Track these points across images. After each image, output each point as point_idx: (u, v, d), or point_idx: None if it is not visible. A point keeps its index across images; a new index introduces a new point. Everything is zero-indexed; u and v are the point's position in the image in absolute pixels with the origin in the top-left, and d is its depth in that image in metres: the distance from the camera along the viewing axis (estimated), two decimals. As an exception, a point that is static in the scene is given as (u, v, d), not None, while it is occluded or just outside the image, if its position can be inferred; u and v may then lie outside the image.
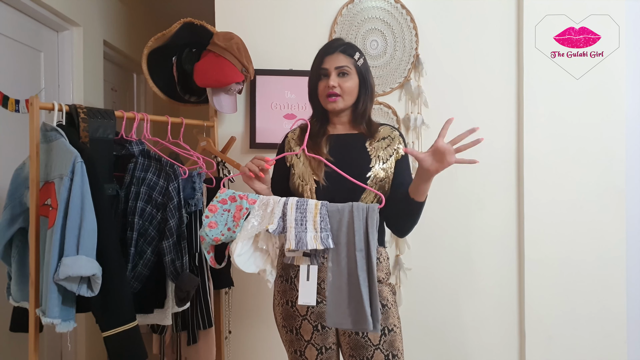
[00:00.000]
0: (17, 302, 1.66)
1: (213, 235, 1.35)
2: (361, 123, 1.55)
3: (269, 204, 1.36)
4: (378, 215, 1.31)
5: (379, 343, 1.44)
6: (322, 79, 1.51)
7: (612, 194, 2.24)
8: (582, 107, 2.25)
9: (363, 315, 1.26)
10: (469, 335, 2.32)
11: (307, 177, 1.49)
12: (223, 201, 1.38)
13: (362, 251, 1.29)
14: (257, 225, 1.33)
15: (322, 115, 1.57)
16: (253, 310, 2.31)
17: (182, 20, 2.09)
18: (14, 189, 1.65)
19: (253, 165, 1.42)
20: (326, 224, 1.32)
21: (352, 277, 1.29)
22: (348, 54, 1.51)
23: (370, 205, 1.33)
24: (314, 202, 1.34)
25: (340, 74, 1.49)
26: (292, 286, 1.50)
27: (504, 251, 2.31)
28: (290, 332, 1.51)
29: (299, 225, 1.31)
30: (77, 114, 1.59)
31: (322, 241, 1.30)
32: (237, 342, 2.29)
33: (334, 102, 1.49)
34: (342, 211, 1.33)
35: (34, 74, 2.35)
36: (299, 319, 1.49)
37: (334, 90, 1.48)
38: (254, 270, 1.36)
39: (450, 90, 2.29)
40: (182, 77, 2.13)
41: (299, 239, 1.29)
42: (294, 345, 1.51)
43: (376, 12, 2.28)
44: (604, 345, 2.24)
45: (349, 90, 1.50)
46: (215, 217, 1.36)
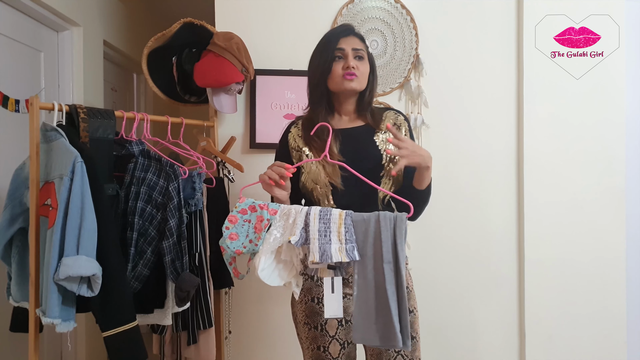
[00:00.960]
0: (17, 302, 1.66)
1: (235, 248, 1.29)
2: (366, 112, 1.52)
3: (291, 214, 1.30)
4: (406, 224, 1.25)
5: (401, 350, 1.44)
6: (338, 60, 1.46)
7: (612, 194, 2.24)
8: (582, 107, 2.25)
9: (392, 332, 1.20)
10: (469, 335, 2.32)
11: (322, 180, 1.44)
12: (243, 211, 1.32)
13: (390, 263, 1.23)
14: (280, 237, 1.28)
15: (326, 104, 1.51)
16: (253, 310, 2.31)
17: (182, 20, 2.09)
18: (14, 189, 1.65)
19: (273, 173, 1.35)
20: (351, 234, 1.26)
21: (379, 290, 1.24)
22: (361, 38, 1.50)
23: (397, 214, 1.26)
24: (338, 212, 1.28)
25: (356, 57, 1.46)
26: (318, 283, 1.47)
27: (504, 251, 2.31)
28: (314, 328, 1.48)
29: (323, 236, 1.25)
30: (77, 114, 1.59)
31: (347, 253, 1.24)
32: (237, 342, 2.29)
33: (350, 80, 1.44)
34: (368, 221, 1.26)
35: (34, 74, 2.35)
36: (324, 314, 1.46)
37: (353, 70, 1.44)
38: (279, 284, 1.31)
39: (450, 90, 2.29)
40: (182, 77, 2.13)
41: (323, 251, 1.23)
42: (318, 342, 1.48)
43: (376, 12, 2.28)
44: (604, 345, 2.24)
45: (364, 74, 1.47)
46: (235, 228, 1.31)
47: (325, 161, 1.44)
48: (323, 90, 1.49)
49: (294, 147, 1.52)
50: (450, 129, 2.29)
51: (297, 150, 1.51)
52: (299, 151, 1.50)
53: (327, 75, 1.47)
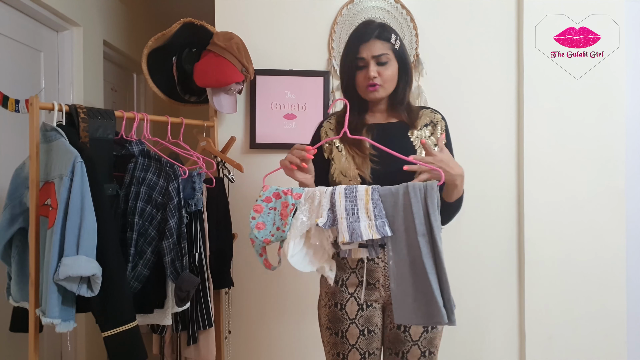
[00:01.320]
0: (17, 302, 1.66)
1: (262, 237, 1.27)
2: (401, 110, 1.48)
3: (316, 196, 1.26)
4: (438, 193, 1.18)
5: (419, 339, 1.41)
6: (361, 69, 1.43)
7: (612, 193, 2.24)
8: (582, 107, 2.25)
9: (435, 307, 1.14)
10: (469, 335, 2.31)
11: (351, 173, 1.42)
12: (267, 199, 1.30)
13: (425, 235, 1.16)
14: (307, 221, 1.24)
15: (360, 105, 1.49)
16: (253, 310, 2.31)
17: (182, 20, 2.09)
18: (14, 189, 1.65)
19: (293, 157, 1.32)
20: (380, 210, 1.20)
21: (416, 265, 1.17)
22: (384, 38, 1.43)
23: (428, 183, 1.19)
24: (363, 188, 1.23)
25: (379, 63, 1.42)
26: (342, 289, 1.44)
27: (504, 251, 2.31)
28: (335, 334, 1.45)
29: (351, 215, 1.20)
30: (77, 114, 1.58)
31: (378, 229, 1.18)
32: (237, 342, 2.29)
33: (374, 92, 1.42)
34: (396, 194, 1.21)
35: (34, 74, 2.35)
36: (346, 322, 1.43)
37: (374, 80, 1.41)
38: (312, 269, 1.28)
39: (451, 90, 2.29)
40: (182, 77, 2.13)
41: (353, 230, 1.18)
42: (337, 348, 1.45)
43: (376, 12, 2.28)
44: (604, 345, 2.24)
45: (389, 78, 1.43)
46: (262, 217, 1.28)
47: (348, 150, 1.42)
48: (353, 96, 1.47)
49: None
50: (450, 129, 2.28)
51: (330, 143, 1.50)
52: (330, 144, 1.50)
53: (353, 84, 1.46)
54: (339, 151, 1.48)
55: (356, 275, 1.44)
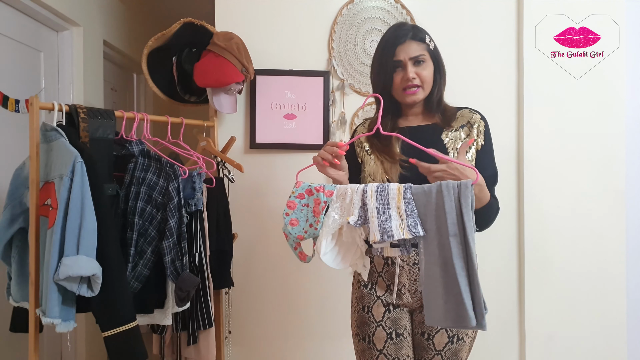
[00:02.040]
0: (17, 302, 1.66)
1: (296, 234, 1.27)
2: (436, 111, 1.46)
3: (347, 194, 1.24)
4: (473, 193, 1.15)
5: (442, 349, 1.38)
6: (397, 71, 1.41)
7: (612, 193, 2.24)
8: (582, 107, 2.25)
9: (464, 310, 1.11)
10: (469, 335, 2.31)
11: (380, 177, 1.41)
12: (300, 196, 1.29)
13: (456, 236, 1.13)
14: (339, 219, 1.23)
15: (395, 109, 1.47)
16: (253, 310, 2.31)
17: (182, 20, 2.09)
18: (14, 189, 1.65)
19: (326, 153, 1.31)
20: (412, 209, 1.18)
21: (447, 267, 1.14)
22: (419, 39, 1.41)
23: (462, 182, 1.16)
24: (395, 186, 1.21)
25: (416, 63, 1.40)
26: (370, 292, 1.43)
27: (504, 251, 2.31)
28: (362, 340, 1.42)
29: (382, 213, 1.18)
30: (77, 114, 1.59)
31: (409, 229, 1.16)
32: (237, 342, 2.29)
33: (414, 95, 1.40)
34: (429, 193, 1.18)
35: (34, 74, 2.35)
36: (373, 325, 1.40)
37: (413, 82, 1.38)
38: (344, 267, 1.27)
39: (450, 90, 2.27)
40: (182, 77, 2.13)
41: (384, 229, 1.16)
42: (365, 356, 1.41)
43: (376, 12, 2.28)
44: (604, 345, 2.24)
45: (427, 79, 1.41)
46: (295, 213, 1.28)
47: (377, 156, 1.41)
48: (388, 99, 1.43)
49: (358, 144, 1.51)
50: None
51: (360, 148, 1.51)
52: (362, 148, 1.50)
53: (389, 87, 1.43)
54: (368, 155, 1.47)
55: (383, 278, 1.42)
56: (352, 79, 2.27)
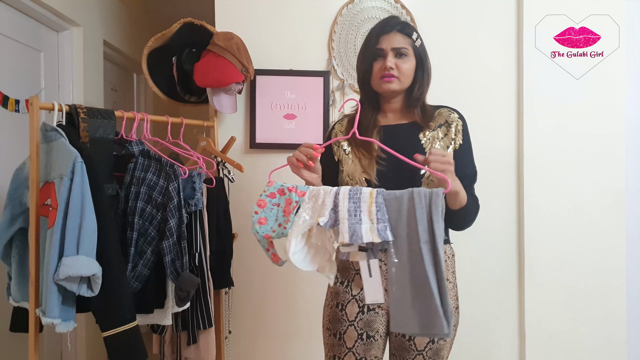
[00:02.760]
0: (17, 302, 1.66)
1: (263, 232, 1.26)
2: (415, 110, 1.44)
3: (320, 195, 1.24)
4: (444, 201, 1.15)
5: (424, 349, 1.38)
6: (378, 59, 1.40)
7: (612, 193, 2.24)
8: (582, 107, 2.25)
9: (434, 317, 1.11)
10: (469, 335, 2.31)
11: (357, 176, 1.40)
12: (272, 195, 1.28)
13: (427, 243, 1.13)
14: (309, 220, 1.22)
15: (373, 103, 1.46)
16: (253, 310, 2.31)
17: (182, 20, 2.09)
18: (14, 189, 1.65)
19: (301, 155, 1.30)
20: (383, 213, 1.18)
21: (416, 273, 1.14)
22: (405, 33, 1.41)
23: (433, 190, 1.16)
24: (368, 190, 1.21)
25: (397, 55, 1.39)
26: (346, 289, 1.43)
27: (504, 251, 2.31)
28: (333, 335, 1.44)
29: (353, 216, 1.18)
30: (77, 114, 1.58)
31: (379, 233, 1.15)
32: (237, 342, 2.29)
33: (388, 82, 1.38)
34: (400, 199, 1.18)
35: (34, 74, 2.35)
36: (345, 323, 1.41)
37: (390, 71, 1.37)
38: (313, 268, 1.26)
39: (450, 90, 2.28)
40: (182, 77, 2.13)
41: (353, 232, 1.16)
42: (334, 350, 1.43)
43: (376, 12, 2.28)
44: (604, 345, 2.24)
45: (406, 72, 1.40)
46: (264, 212, 1.26)
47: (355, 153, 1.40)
48: (367, 89, 1.45)
49: (335, 143, 1.49)
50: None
51: (338, 146, 1.49)
52: (339, 146, 1.48)
53: (368, 76, 1.43)
54: (346, 154, 1.46)
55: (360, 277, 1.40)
56: (352, 79, 2.27)
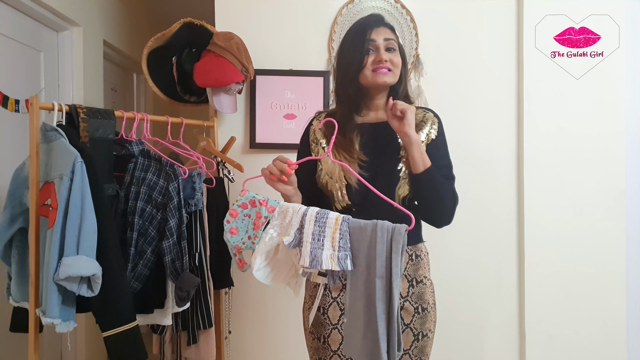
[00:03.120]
0: (17, 302, 1.66)
1: (234, 243, 1.25)
2: None
3: (288, 213, 1.22)
4: (406, 238, 1.14)
5: (410, 348, 1.37)
6: (370, 53, 1.38)
7: (612, 193, 2.24)
8: (582, 107, 2.25)
9: (377, 352, 1.12)
10: (469, 335, 2.32)
11: (337, 175, 1.38)
12: (244, 205, 1.27)
13: (382, 278, 1.14)
14: (276, 237, 1.22)
15: (353, 101, 1.43)
16: (253, 310, 2.31)
17: (182, 20, 2.09)
18: (14, 189, 1.65)
19: (274, 168, 1.29)
20: (345, 242, 1.17)
21: (369, 304, 1.15)
22: (391, 29, 1.42)
23: (397, 226, 1.15)
24: (334, 216, 1.19)
25: (387, 49, 1.38)
26: (326, 292, 1.41)
27: (504, 250, 2.31)
28: (317, 339, 1.43)
29: (316, 240, 1.17)
30: (77, 114, 1.59)
31: (339, 262, 1.15)
32: (237, 342, 2.29)
33: (384, 75, 1.36)
34: (364, 229, 1.17)
35: (34, 74, 2.35)
36: (328, 327, 1.40)
37: (385, 64, 1.36)
38: (277, 285, 1.27)
39: (450, 91, 2.29)
40: (182, 77, 2.13)
41: (314, 257, 1.15)
42: (319, 354, 1.42)
43: (376, 12, 2.27)
44: (604, 345, 2.24)
45: (398, 66, 1.39)
46: (236, 222, 1.26)
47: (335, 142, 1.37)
48: (353, 85, 1.40)
49: (313, 140, 1.47)
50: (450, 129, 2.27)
51: (316, 144, 1.46)
52: (317, 144, 1.46)
53: (359, 70, 1.39)
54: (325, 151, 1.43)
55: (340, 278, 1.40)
56: (352, 79, 2.27)
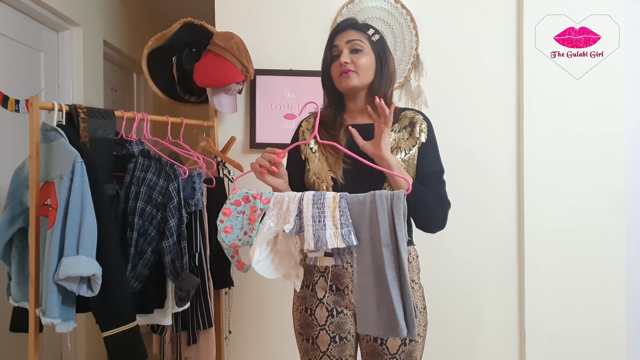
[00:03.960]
0: (17, 302, 1.66)
1: (229, 241, 1.25)
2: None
3: (284, 202, 1.23)
4: (405, 203, 1.15)
5: (397, 352, 1.36)
6: (335, 59, 1.41)
7: (612, 193, 2.24)
8: (582, 107, 2.25)
9: (394, 320, 1.12)
10: (470, 335, 2.32)
11: (324, 175, 1.39)
12: (237, 203, 1.27)
13: (389, 246, 1.14)
14: (274, 227, 1.21)
15: (337, 102, 1.45)
16: (253, 310, 2.31)
17: (182, 20, 2.09)
18: (14, 189, 1.65)
19: (263, 160, 1.30)
20: (347, 218, 1.18)
21: (379, 276, 1.15)
22: (359, 29, 1.42)
23: (394, 192, 1.16)
24: (331, 195, 1.20)
25: (353, 51, 1.38)
26: (312, 293, 1.42)
27: (504, 251, 2.31)
28: (306, 340, 1.43)
29: (317, 222, 1.17)
30: (77, 114, 1.59)
31: (343, 238, 1.16)
32: (237, 342, 2.29)
33: (347, 78, 1.37)
34: (363, 202, 1.18)
35: (34, 74, 2.35)
36: (316, 328, 1.41)
37: (346, 66, 1.37)
38: (277, 276, 1.26)
39: (450, 90, 2.29)
40: (182, 77, 2.13)
41: (318, 238, 1.16)
42: (309, 355, 1.43)
43: (376, 12, 2.28)
44: (604, 345, 2.24)
45: (364, 67, 1.38)
46: (230, 220, 1.26)
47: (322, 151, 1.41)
48: (331, 89, 1.45)
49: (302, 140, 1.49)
50: (450, 129, 2.29)
51: (304, 145, 1.48)
52: (306, 145, 1.47)
53: (328, 75, 1.45)
54: (312, 153, 1.45)
55: (325, 279, 1.40)
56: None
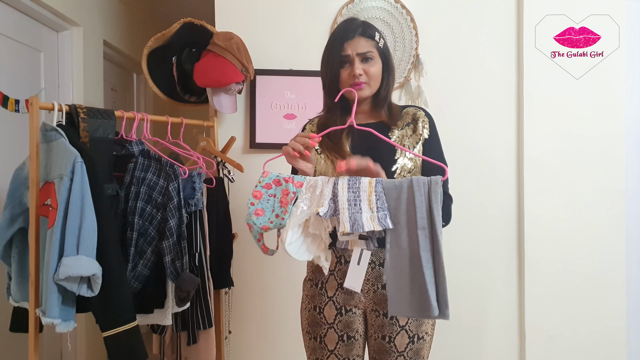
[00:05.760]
0: (17, 302, 1.66)
1: (261, 224, 1.25)
2: (382, 109, 1.45)
3: (318, 185, 1.25)
4: (442, 189, 1.19)
5: (404, 350, 1.37)
6: (345, 66, 1.40)
7: (612, 193, 2.24)
8: (582, 107, 2.25)
9: (427, 301, 1.14)
10: (469, 334, 2.32)
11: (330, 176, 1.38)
12: (267, 186, 1.28)
13: (424, 229, 1.17)
14: (307, 210, 1.23)
15: (341, 105, 1.44)
16: (253, 310, 2.32)
17: (182, 20, 2.09)
18: (14, 189, 1.65)
19: (297, 144, 1.29)
20: (383, 202, 1.20)
21: (414, 258, 1.17)
22: (368, 35, 1.40)
23: (432, 178, 1.19)
24: (367, 180, 1.23)
25: (363, 60, 1.39)
26: (321, 292, 1.43)
27: (504, 251, 2.31)
28: (314, 339, 1.44)
29: (353, 205, 1.20)
30: (77, 114, 1.59)
31: (379, 221, 1.18)
32: (237, 342, 2.29)
33: (360, 91, 1.38)
34: (400, 187, 1.21)
35: (34, 74, 2.35)
36: (324, 327, 1.42)
37: (360, 78, 1.37)
38: (308, 258, 1.27)
39: (450, 90, 2.29)
40: (182, 77, 2.13)
41: (354, 221, 1.18)
42: (316, 354, 1.44)
43: (376, 12, 2.28)
44: (604, 345, 2.24)
45: (374, 76, 1.40)
46: (261, 203, 1.26)
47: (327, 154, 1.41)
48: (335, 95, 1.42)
49: None
50: (450, 129, 2.28)
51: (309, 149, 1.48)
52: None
53: (336, 82, 1.42)
54: (318, 154, 1.46)
55: (335, 277, 1.41)
56: (352, 79, 2.27)
